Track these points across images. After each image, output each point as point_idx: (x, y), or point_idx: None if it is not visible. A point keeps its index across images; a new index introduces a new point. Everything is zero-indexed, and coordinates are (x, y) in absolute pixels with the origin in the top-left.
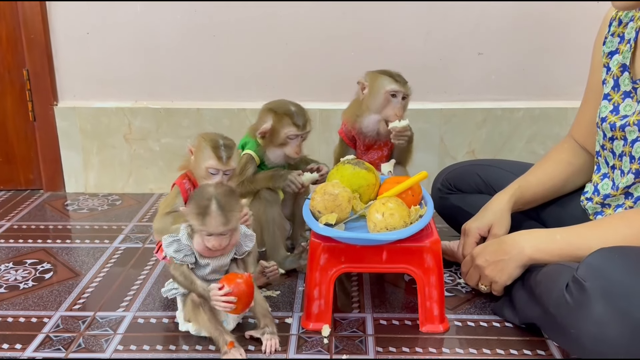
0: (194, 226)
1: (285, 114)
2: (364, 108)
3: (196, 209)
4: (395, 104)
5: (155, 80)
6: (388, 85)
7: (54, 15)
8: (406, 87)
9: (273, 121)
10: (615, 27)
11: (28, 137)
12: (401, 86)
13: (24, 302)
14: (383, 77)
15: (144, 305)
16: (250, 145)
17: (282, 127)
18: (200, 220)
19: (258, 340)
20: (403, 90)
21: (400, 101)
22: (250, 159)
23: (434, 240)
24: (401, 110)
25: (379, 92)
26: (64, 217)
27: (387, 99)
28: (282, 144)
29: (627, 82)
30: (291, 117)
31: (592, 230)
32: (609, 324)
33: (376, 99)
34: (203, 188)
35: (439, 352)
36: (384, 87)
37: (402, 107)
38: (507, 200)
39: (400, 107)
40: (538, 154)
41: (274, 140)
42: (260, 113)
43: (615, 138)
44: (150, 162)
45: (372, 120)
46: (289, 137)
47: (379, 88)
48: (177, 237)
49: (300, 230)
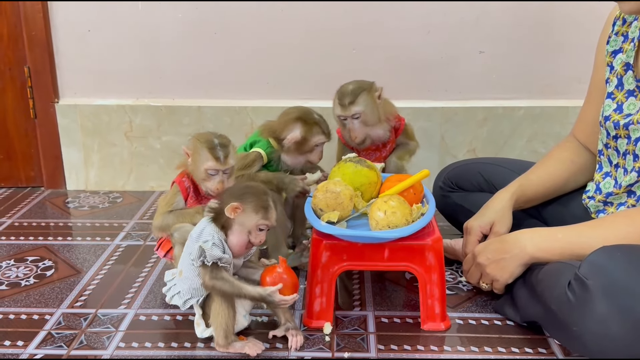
0: (246, 222)
1: (314, 123)
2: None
3: (259, 203)
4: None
5: (156, 78)
6: (336, 110)
7: (55, 12)
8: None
9: (302, 130)
10: (619, 26)
11: (29, 134)
12: (344, 109)
13: (26, 299)
14: (335, 98)
15: (145, 303)
16: (261, 145)
17: (312, 136)
18: (262, 214)
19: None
20: (346, 115)
21: (351, 121)
22: (259, 158)
23: (435, 239)
24: (355, 132)
25: (335, 117)
26: (65, 214)
27: (341, 122)
28: (309, 152)
29: (631, 80)
30: (320, 126)
31: (593, 229)
32: (611, 321)
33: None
34: (248, 186)
35: (441, 350)
36: (334, 112)
37: (358, 126)
38: (508, 198)
39: (352, 129)
40: (539, 153)
41: (301, 148)
42: (282, 121)
43: (619, 136)
44: (151, 160)
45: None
46: (317, 145)
47: (333, 114)
48: (211, 240)
49: (301, 228)
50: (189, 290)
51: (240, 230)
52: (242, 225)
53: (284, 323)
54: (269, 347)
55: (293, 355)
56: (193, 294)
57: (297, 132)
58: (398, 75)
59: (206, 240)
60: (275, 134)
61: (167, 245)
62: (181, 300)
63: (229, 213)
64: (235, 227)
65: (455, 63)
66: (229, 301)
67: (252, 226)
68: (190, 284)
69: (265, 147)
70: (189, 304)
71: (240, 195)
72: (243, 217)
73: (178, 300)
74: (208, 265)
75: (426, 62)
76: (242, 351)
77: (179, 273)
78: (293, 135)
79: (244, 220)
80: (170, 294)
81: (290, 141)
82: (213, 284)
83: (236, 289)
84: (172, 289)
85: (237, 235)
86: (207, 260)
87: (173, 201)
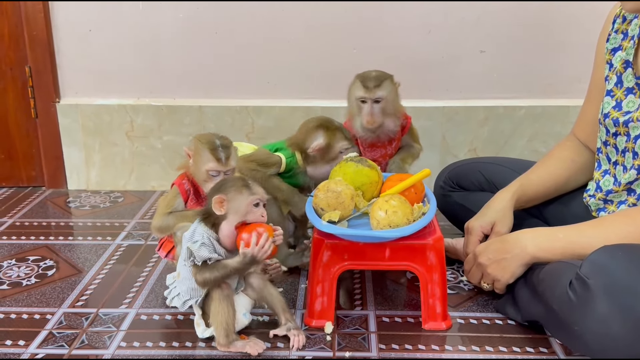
0: (239, 206)
1: (336, 129)
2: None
3: (238, 185)
4: (366, 110)
5: (157, 78)
6: (356, 92)
7: (56, 12)
8: (373, 91)
9: (326, 137)
10: (619, 24)
11: (30, 134)
12: (369, 92)
13: (27, 299)
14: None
15: (146, 302)
16: (285, 153)
17: (336, 142)
18: (247, 191)
19: (274, 337)
20: (370, 97)
21: (371, 105)
22: (279, 162)
23: (436, 238)
24: (372, 116)
25: (351, 100)
26: (66, 214)
27: (358, 105)
28: (334, 159)
29: (631, 78)
30: (343, 132)
31: (594, 229)
32: (613, 321)
33: (351, 107)
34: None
35: (442, 349)
36: (353, 95)
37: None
38: (509, 198)
39: (370, 113)
40: (540, 152)
41: (325, 156)
42: (304, 130)
43: (619, 134)
44: (152, 160)
45: (357, 128)
46: (341, 152)
47: (350, 96)
48: (200, 240)
49: (302, 228)
50: (188, 291)
51: (234, 218)
52: (236, 212)
53: (284, 323)
54: (270, 347)
55: (294, 355)
56: (192, 295)
57: (320, 140)
58: (399, 74)
59: (196, 240)
60: (300, 147)
61: (168, 245)
62: (180, 302)
63: (217, 208)
64: (229, 218)
65: (456, 62)
66: (228, 299)
67: (246, 206)
68: (189, 285)
69: (288, 156)
70: (187, 305)
71: (219, 189)
72: (233, 205)
73: (177, 301)
74: (199, 264)
75: (427, 62)
76: (243, 350)
77: (177, 275)
78: (317, 143)
79: (235, 206)
80: (170, 296)
81: (315, 149)
82: (203, 278)
83: (222, 270)
84: (172, 291)
85: (229, 224)
86: (197, 260)
87: (173, 203)
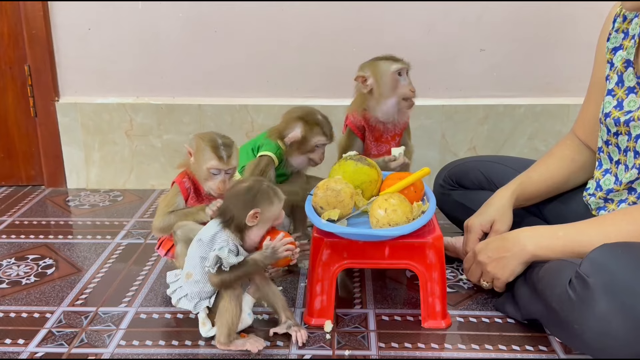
0: (270, 215)
1: (315, 123)
2: (376, 97)
3: (269, 195)
4: (404, 81)
5: (156, 76)
6: (392, 67)
7: (55, 11)
8: (405, 63)
9: (303, 130)
10: (619, 23)
11: (29, 133)
12: (403, 64)
13: (26, 298)
14: (384, 61)
15: (146, 301)
16: (268, 147)
17: (313, 136)
18: (277, 201)
19: (274, 335)
20: (406, 67)
21: (406, 77)
22: (270, 162)
23: (436, 237)
24: (412, 86)
25: (386, 76)
26: (66, 213)
27: (395, 79)
28: (309, 152)
29: (632, 77)
30: (321, 127)
31: (594, 227)
32: (613, 319)
33: (386, 83)
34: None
35: (441, 347)
36: (389, 70)
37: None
38: (509, 196)
39: (410, 83)
40: (540, 151)
41: (302, 148)
42: (285, 119)
43: (620, 133)
44: (152, 159)
45: (390, 105)
46: (317, 146)
47: (383, 72)
48: (227, 247)
49: (301, 226)
50: (199, 293)
51: (264, 225)
52: (267, 221)
53: (284, 321)
54: (270, 345)
55: (294, 354)
56: (202, 296)
57: (297, 131)
58: None
59: (221, 247)
60: (280, 134)
61: (167, 244)
62: (191, 304)
63: (251, 221)
64: (259, 225)
65: (456, 61)
66: (238, 299)
67: (276, 215)
68: (202, 287)
69: (274, 149)
70: (200, 307)
71: (251, 201)
72: (266, 216)
73: (187, 303)
74: (225, 270)
75: (426, 60)
76: (243, 348)
77: (187, 275)
78: (294, 134)
79: (267, 216)
80: (176, 297)
81: (291, 140)
82: (228, 277)
83: (249, 266)
84: (177, 291)
85: (260, 230)
86: (225, 267)
87: (174, 202)
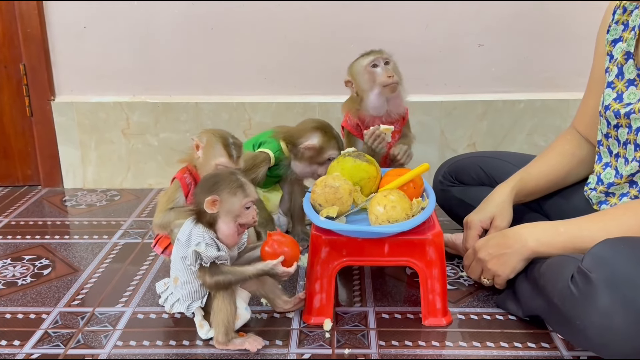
0: (231, 208)
1: (333, 137)
2: (361, 95)
3: (232, 185)
4: (380, 70)
5: (153, 75)
6: (364, 61)
7: (50, 10)
8: (382, 53)
9: (320, 140)
10: (619, 14)
11: (25, 132)
12: (375, 54)
13: (22, 299)
14: (358, 59)
15: (143, 301)
16: (270, 146)
17: (328, 149)
18: (241, 193)
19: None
20: (380, 57)
21: (383, 66)
22: (267, 159)
23: (436, 233)
24: (390, 71)
25: (361, 72)
26: (62, 212)
27: (370, 72)
28: (320, 164)
29: (632, 69)
30: (337, 142)
31: (595, 222)
32: (615, 314)
33: (363, 79)
34: (213, 174)
35: (442, 345)
36: (362, 65)
37: (391, 69)
38: (508, 192)
39: (386, 70)
40: (539, 146)
41: (314, 158)
42: (301, 127)
43: (620, 125)
44: (149, 157)
45: (374, 97)
46: (329, 159)
47: (358, 70)
48: (203, 241)
49: (300, 224)
50: (189, 294)
51: (229, 219)
52: (228, 213)
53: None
54: (269, 344)
55: (293, 354)
56: (194, 297)
57: (315, 140)
58: None
59: (198, 242)
60: (291, 138)
61: (164, 241)
62: (184, 307)
63: (209, 208)
64: (222, 218)
65: (455, 56)
66: (231, 297)
67: (238, 209)
68: (190, 289)
69: (274, 148)
70: (193, 308)
71: (212, 187)
72: (225, 206)
73: (180, 307)
74: (206, 266)
75: (425, 56)
76: (242, 347)
77: (174, 280)
78: (310, 142)
79: (227, 208)
80: (169, 304)
81: (306, 148)
82: (215, 280)
83: (240, 275)
84: (169, 298)
85: (226, 224)
86: (205, 262)
87: (174, 197)
